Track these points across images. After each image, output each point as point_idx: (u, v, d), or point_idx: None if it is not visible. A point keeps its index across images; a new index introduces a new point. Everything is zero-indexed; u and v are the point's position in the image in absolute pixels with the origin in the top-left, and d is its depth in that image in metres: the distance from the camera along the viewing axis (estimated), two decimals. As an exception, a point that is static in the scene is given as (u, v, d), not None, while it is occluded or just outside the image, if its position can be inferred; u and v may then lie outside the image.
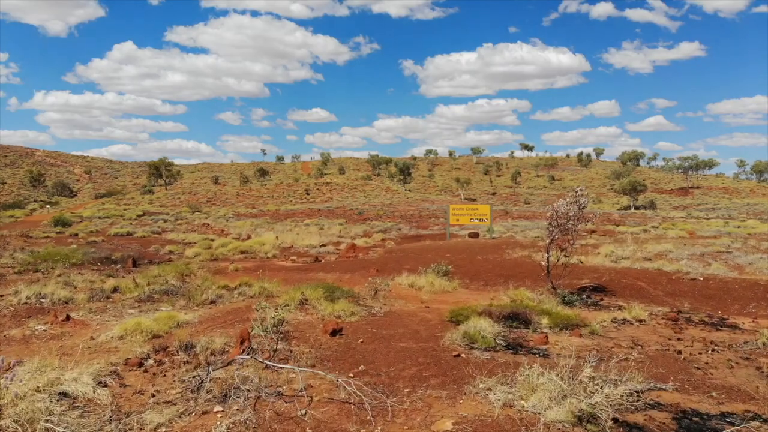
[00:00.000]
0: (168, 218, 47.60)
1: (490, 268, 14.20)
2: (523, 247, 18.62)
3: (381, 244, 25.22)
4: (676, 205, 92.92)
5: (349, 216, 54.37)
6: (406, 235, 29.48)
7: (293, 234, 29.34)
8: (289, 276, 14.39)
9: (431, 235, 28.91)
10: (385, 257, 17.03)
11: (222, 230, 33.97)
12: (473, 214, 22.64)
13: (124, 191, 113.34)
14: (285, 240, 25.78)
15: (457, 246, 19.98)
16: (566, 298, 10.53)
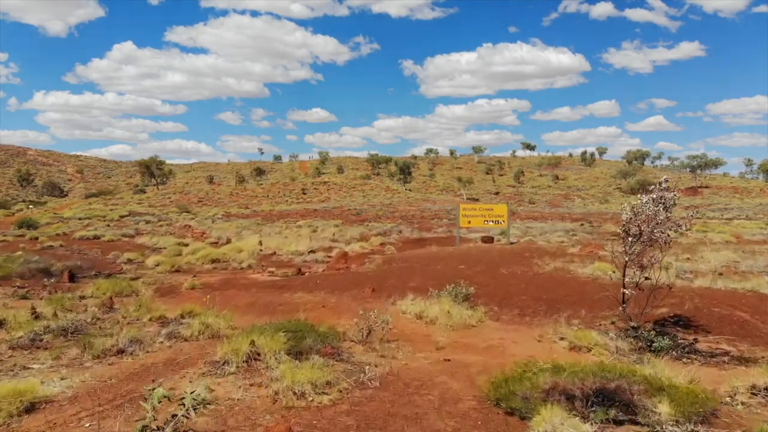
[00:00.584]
0: (151, 219, 44.23)
1: (521, 287, 10.78)
2: (553, 256, 15.21)
3: (380, 250, 21.82)
4: (687, 205, 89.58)
5: (347, 217, 50.97)
6: (408, 239, 26.09)
7: (281, 237, 25.93)
8: (257, 298, 10.98)
9: (436, 239, 25.49)
10: (384, 269, 13.62)
11: (202, 233, 30.58)
12: (487, 216, 19.25)
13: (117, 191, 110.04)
14: (269, 245, 22.39)
15: (471, 253, 16.58)
16: (654, 343, 7.08)
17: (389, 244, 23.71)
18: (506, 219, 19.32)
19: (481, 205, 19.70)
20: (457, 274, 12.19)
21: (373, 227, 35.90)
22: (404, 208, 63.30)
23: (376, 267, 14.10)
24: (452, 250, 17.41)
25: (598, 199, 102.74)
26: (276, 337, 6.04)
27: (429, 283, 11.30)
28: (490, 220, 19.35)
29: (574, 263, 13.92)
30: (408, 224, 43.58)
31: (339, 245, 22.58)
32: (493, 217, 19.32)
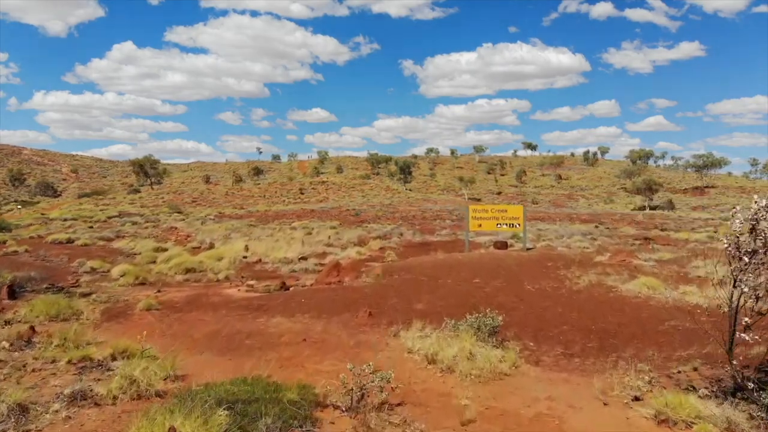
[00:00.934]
0: (138, 220, 41.96)
1: (558, 311, 8.55)
2: (581, 267, 12.99)
3: (379, 256, 19.58)
4: (695, 205, 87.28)
5: (345, 217, 48.72)
6: (410, 242, 23.83)
7: (271, 241, 23.68)
8: (223, 324, 8.73)
9: (441, 243, 23.25)
10: (383, 284, 11.38)
11: (187, 236, 28.32)
12: (501, 218, 16.98)
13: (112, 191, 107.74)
14: (256, 250, 20.14)
15: (485, 262, 14.34)
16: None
17: (390, 249, 21.46)
18: (522, 222, 17.06)
19: (493, 206, 17.45)
20: (472, 292, 9.96)
21: (372, 229, 33.67)
22: (405, 208, 61.08)
23: (374, 280, 11.85)
24: (462, 258, 15.15)
25: (602, 199, 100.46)
26: (213, 420, 3.79)
27: (439, 304, 9.07)
28: (503, 223, 17.09)
29: (611, 276, 11.69)
30: (409, 226, 41.32)
31: (334, 251, 20.33)
32: (508, 219, 17.05)
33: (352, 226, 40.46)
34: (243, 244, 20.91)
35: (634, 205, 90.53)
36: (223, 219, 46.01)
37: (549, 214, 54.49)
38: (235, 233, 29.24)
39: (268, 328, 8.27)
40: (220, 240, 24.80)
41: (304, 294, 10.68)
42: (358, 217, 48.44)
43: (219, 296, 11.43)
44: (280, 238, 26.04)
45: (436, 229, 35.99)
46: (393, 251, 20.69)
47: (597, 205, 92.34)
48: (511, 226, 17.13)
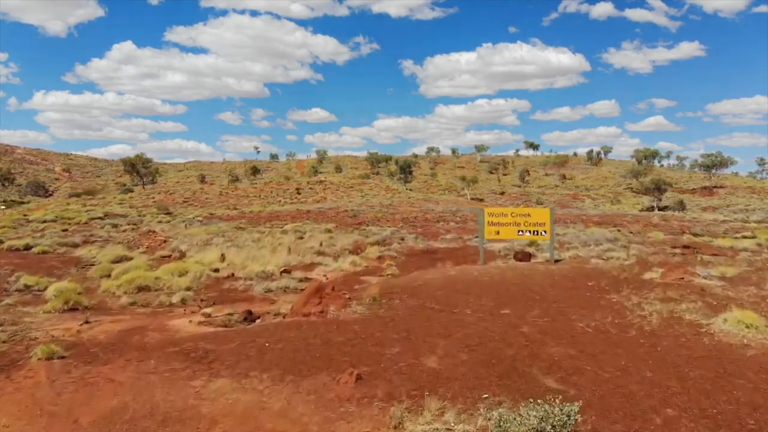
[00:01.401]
0: (120, 222, 39.07)
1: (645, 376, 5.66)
2: (634, 288, 10.15)
3: (377, 266, 16.70)
4: (705, 206, 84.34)
5: (342, 219, 45.82)
6: (413, 250, 20.93)
7: (254, 249, 20.80)
8: (137, 392, 5.80)
9: (448, 251, 20.35)
10: (380, 318, 8.47)
11: (164, 241, 25.42)
12: (523, 224, 14.08)
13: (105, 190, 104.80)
14: (233, 260, 17.25)
15: (507, 281, 11.45)
16: None
17: (389, 258, 18.56)
18: (549, 228, 14.15)
19: (513, 209, 14.53)
20: (506, 335, 7.05)
21: (370, 233, 30.78)
22: (405, 209, 58.18)
23: (367, 309, 8.93)
24: (479, 274, 12.24)
25: (608, 200, 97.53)
26: None
27: (461, 359, 6.17)
28: (526, 230, 14.18)
29: (681, 304, 8.80)
30: (410, 228, 38.41)
31: (325, 261, 17.42)
32: (532, 226, 14.14)
33: (348, 228, 37.56)
34: (219, 253, 18.01)
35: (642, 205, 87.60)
36: (211, 221, 43.09)
37: (558, 216, 51.60)
38: (218, 237, 26.32)
39: (201, 404, 5.38)
40: (197, 247, 21.90)
41: (270, 333, 7.77)
42: (355, 219, 45.52)
43: (160, 332, 8.52)
44: (266, 245, 23.15)
45: (440, 232, 33.09)
46: (393, 261, 17.78)
47: (604, 206, 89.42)
48: (536, 233, 14.23)
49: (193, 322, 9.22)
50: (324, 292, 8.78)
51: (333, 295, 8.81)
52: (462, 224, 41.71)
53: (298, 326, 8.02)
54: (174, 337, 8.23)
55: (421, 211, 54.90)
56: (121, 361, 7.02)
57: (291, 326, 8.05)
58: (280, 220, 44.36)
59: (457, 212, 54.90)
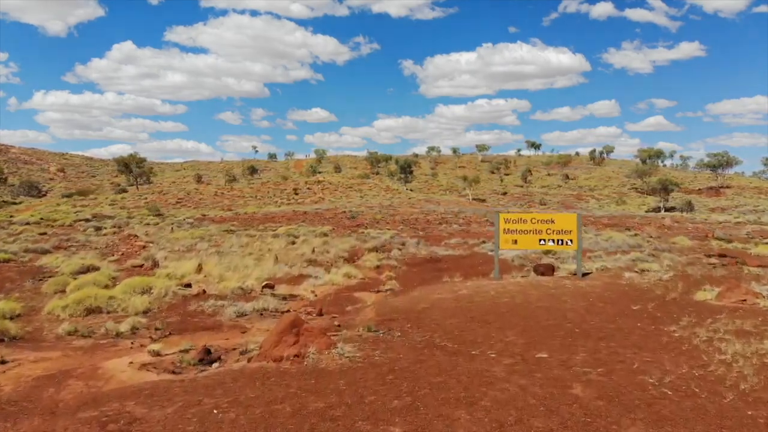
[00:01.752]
0: (105, 224, 37.00)
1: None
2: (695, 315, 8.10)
3: (374, 279, 14.63)
4: (713, 207, 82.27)
5: (339, 220, 43.76)
6: (415, 258, 18.80)
7: (238, 257, 18.72)
8: None
9: (454, 259, 18.26)
10: (375, 367, 6.37)
11: (143, 246, 23.35)
12: (546, 232, 11.99)
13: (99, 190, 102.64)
14: (211, 271, 15.18)
15: (533, 304, 9.39)
16: None
17: (389, 268, 16.48)
18: (577, 238, 12.06)
19: (534, 214, 12.43)
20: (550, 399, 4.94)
21: (368, 237, 28.70)
22: (406, 210, 56.13)
23: (359, 350, 6.80)
24: (495, 294, 10.15)
25: (613, 200, 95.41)
26: None
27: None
28: (549, 240, 12.10)
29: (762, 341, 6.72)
30: (412, 231, 36.33)
31: (315, 272, 15.31)
32: (555, 234, 12.06)
33: (346, 231, 35.49)
34: (196, 264, 15.90)
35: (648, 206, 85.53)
36: (202, 223, 41.02)
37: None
38: (202, 242, 24.23)
39: None
40: (176, 254, 19.80)
41: (225, 389, 5.67)
42: (353, 221, 43.41)
43: (87, 380, 6.44)
44: (254, 250, 21.07)
45: (443, 236, 31.01)
46: (393, 272, 15.69)
47: (609, 206, 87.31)
48: (560, 243, 12.13)
49: (134, 363, 7.12)
50: (302, 327, 6.66)
51: (313, 330, 6.70)
52: (466, 226, 39.59)
53: (263, 378, 5.92)
54: (100, 390, 6.14)
55: (422, 213, 52.79)
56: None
57: (254, 378, 5.95)
58: (274, 223, 42.25)
59: (459, 213, 52.78)
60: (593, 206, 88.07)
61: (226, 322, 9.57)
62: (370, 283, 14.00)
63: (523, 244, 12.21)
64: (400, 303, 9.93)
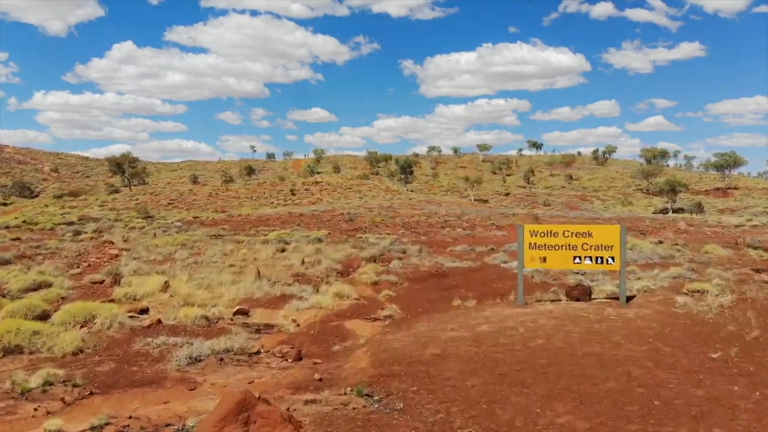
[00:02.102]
0: (88, 228, 34.72)
1: None
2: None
3: (371, 302, 12.36)
4: (722, 208, 79.94)
5: (336, 223, 41.45)
6: (418, 271, 16.49)
7: (215, 270, 16.44)
8: None
9: (463, 273, 15.96)
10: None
11: (116, 255, 21.07)
12: (581, 247, 9.71)
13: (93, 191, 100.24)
14: (179, 290, 12.89)
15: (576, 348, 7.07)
16: None
17: (388, 285, 14.18)
18: (619, 255, 9.76)
19: (567, 226, 10.13)
20: None
21: (366, 243, 26.43)
22: (406, 211, 53.82)
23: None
24: (525, 331, 7.86)
25: (618, 201, 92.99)
26: None
27: None
28: (585, 257, 9.80)
29: None
30: (413, 235, 34.03)
31: (301, 292, 13.00)
32: (593, 250, 9.76)
33: (342, 236, 33.21)
34: (162, 281, 13.60)
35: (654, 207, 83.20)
36: (191, 226, 38.71)
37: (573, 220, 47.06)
38: (183, 250, 21.94)
39: None
40: (148, 266, 17.49)
41: None
42: (351, 224, 41.08)
43: None
44: (237, 261, 18.77)
45: (447, 241, 28.74)
46: (393, 290, 13.39)
47: (614, 207, 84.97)
48: (600, 261, 9.83)
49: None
50: (254, 411, 4.37)
51: (271, 418, 4.40)
52: (470, 230, 37.28)
53: None
54: None
55: (424, 214, 50.48)
56: None
57: None
58: (267, 226, 39.95)
59: (462, 216, 50.42)
60: (598, 207, 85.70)
61: (172, 372, 7.26)
62: (366, 306, 11.69)
63: (553, 262, 9.92)
64: (402, 344, 7.64)
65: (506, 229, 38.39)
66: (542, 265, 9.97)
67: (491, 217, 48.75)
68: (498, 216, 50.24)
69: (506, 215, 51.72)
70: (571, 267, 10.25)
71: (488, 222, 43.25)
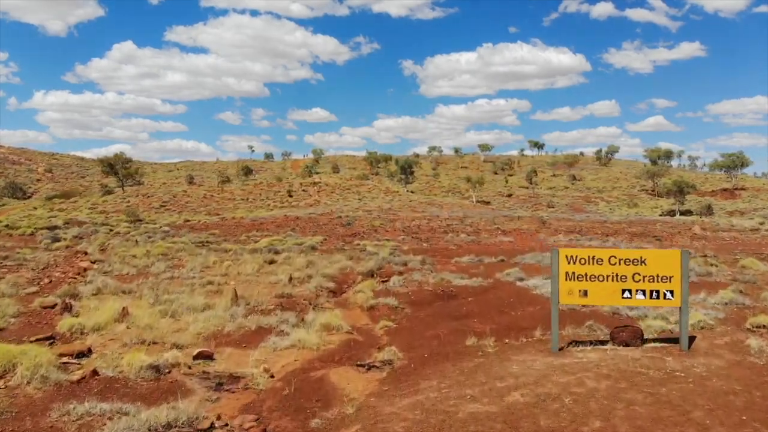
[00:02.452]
0: (66, 234, 32.61)
1: None
2: None
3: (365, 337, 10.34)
4: (731, 210, 77.80)
5: (333, 228, 39.37)
6: (422, 291, 14.38)
7: (186, 294, 14.35)
8: None
9: (474, 294, 13.87)
10: None
11: (85, 269, 18.96)
12: (632, 278, 7.64)
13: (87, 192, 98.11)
14: (138, 319, 10.81)
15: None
16: None
17: (387, 310, 12.09)
18: (680, 288, 7.65)
19: (614, 250, 7.99)
20: None
21: (363, 252, 24.36)
22: (407, 214, 51.74)
23: None
24: (573, 403, 5.75)
25: (624, 203, 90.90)
26: None
27: None
28: (638, 290, 7.72)
29: None
30: (414, 241, 31.94)
31: (281, 324, 10.90)
32: (648, 281, 7.67)
33: (339, 242, 31.14)
34: (120, 307, 11.50)
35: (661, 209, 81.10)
36: (179, 231, 36.64)
37: (581, 224, 44.93)
38: (162, 262, 19.84)
39: None
40: (117, 282, 15.37)
41: None
42: (349, 229, 38.95)
43: None
44: (216, 277, 16.65)
45: (452, 249, 26.66)
46: (393, 319, 11.28)
47: (620, 209, 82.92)
48: (656, 296, 7.73)
49: None
50: None
51: None
52: (474, 236, 35.16)
53: None
54: None
55: (425, 218, 48.36)
56: None
57: None
58: (260, 231, 37.85)
59: (465, 219, 48.28)
60: (604, 209, 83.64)
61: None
62: (360, 344, 9.59)
63: (597, 296, 7.82)
64: (405, 425, 5.53)
65: (512, 235, 36.29)
66: (583, 300, 7.87)
67: (495, 220, 46.63)
68: (502, 219, 48.09)
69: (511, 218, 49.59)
70: (620, 303, 8.13)
71: (493, 226, 41.13)
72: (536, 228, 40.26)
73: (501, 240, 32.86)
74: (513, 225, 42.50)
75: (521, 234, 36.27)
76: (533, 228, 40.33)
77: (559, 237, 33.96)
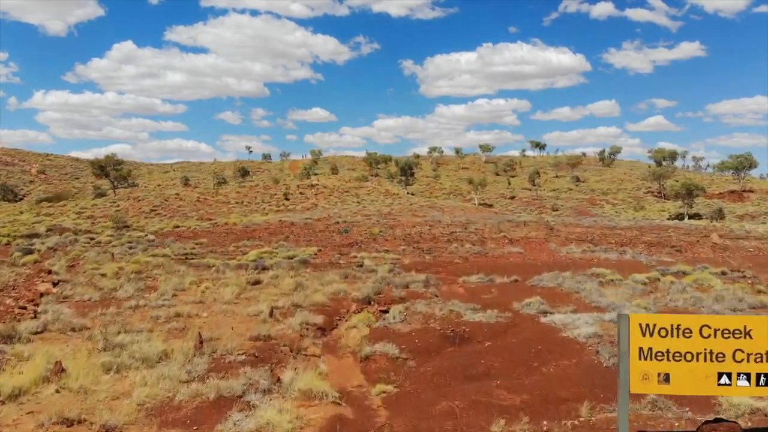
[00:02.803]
0: (41, 245, 30.27)
1: None
2: None
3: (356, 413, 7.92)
4: (741, 213, 75.57)
5: (329, 237, 36.97)
6: (427, 330, 12.03)
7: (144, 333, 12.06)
8: None
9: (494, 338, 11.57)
10: None
11: (41, 294, 16.61)
12: (731, 356, 5.42)
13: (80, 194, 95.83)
14: (73, 377, 8.49)
15: None
16: None
17: (385, 362, 9.77)
18: (808, 373, 5.32)
19: (706, 317, 5.58)
20: None
21: (361, 264, 22.05)
22: (407, 219, 49.37)
23: None
24: None
25: (630, 205, 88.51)
26: None
27: None
28: (739, 372, 5.39)
29: None
30: (415, 252, 29.60)
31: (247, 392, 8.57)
32: (756, 360, 5.35)
33: (334, 253, 28.82)
34: (54, 358, 9.18)
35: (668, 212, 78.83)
36: (165, 240, 34.27)
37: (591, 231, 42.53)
38: (129, 284, 17.50)
39: None
40: (69, 315, 13.05)
41: None
42: (346, 237, 36.61)
43: None
44: (186, 307, 14.31)
45: (457, 263, 24.37)
46: (392, 382, 8.96)
47: (626, 212, 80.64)
48: (765, 381, 5.40)
49: None
50: None
51: None
52: (480, 246, 32.80)
53: None
54: None
55: (427, 224, 45.99)
56: None
57: None
58: (252, 239, 35.44)
59: (468, 224, 45.85)
60: (609, 212, 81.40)
61: None
62: (349, 423, 7.26)
63: (683, 383, 5.49)
64: None
65: (521, 244, 33.99)
66: (664, 389, 5.53)
67: (501, 226, 44.25)
68: (507, 225, 45.72)
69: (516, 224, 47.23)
70: (716, 392, 5.81)
71: (499, 234, 38.76)
72: (545, 236, 37.89)
73: (509, 251, 30.52)
74: (520, 232, 40.14)
75: (530, 243, 33.91)
76: (541, 236, 37.94)
77: (572, 247, 31.59)
